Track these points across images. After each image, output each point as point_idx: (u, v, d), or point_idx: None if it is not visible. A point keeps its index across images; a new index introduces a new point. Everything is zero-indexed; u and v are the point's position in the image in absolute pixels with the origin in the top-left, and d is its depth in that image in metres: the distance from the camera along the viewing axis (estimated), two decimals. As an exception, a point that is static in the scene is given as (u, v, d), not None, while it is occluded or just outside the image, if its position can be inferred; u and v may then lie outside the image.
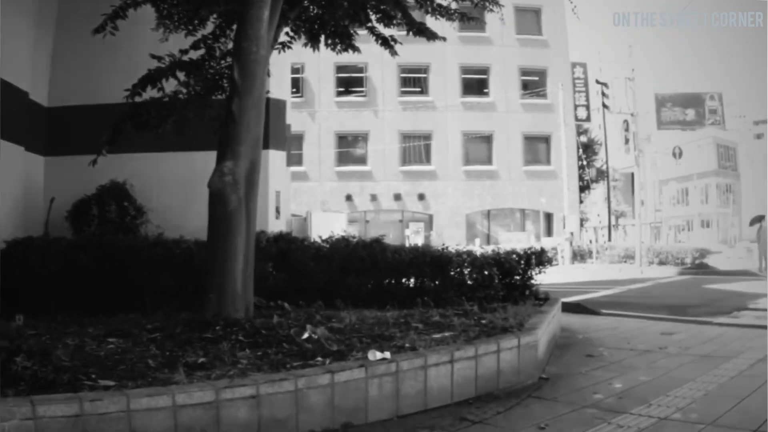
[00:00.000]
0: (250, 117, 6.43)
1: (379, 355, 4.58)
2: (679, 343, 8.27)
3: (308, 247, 8.25)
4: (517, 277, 8.71)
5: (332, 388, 4.17)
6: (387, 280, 8.25)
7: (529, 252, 8.96)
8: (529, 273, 8.76)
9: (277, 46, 7.89)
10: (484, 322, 6.43)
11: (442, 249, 8.83)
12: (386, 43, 8.43)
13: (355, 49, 8.29)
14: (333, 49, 8.32)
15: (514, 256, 8.75)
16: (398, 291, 8.19)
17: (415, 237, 34.50)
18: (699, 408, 5.09)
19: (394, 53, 8.54)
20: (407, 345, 5.15)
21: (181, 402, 3.60)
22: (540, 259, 8.98)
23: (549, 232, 38.88)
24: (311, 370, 4.28)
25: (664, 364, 6.96)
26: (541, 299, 8.59)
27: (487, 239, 37.03)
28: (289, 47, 8.50)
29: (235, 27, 7.20)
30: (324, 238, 8.42)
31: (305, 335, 5.13)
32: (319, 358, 4.64)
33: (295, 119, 36.76)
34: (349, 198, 38.06)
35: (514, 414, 4.98)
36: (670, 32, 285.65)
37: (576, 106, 41.40)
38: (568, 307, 11.82)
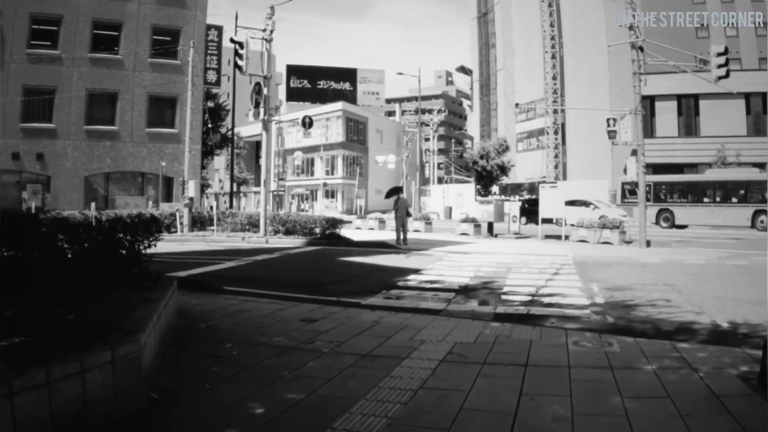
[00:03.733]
0: None
1: None
2: (328, 334, 7.47)
3: None
4: (123, 252, 7.67)
5: None
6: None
7: (137, 220, 8.30)
8: (137, 246, 7.84)
9: None
10: (72, 318, 5.28)
11: (28, 212, 7.42)
12: None
13: None
14: None
15: (120, 225, 7.90)
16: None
17: (32, 200, 36.16)
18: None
19: None
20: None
21: None
22: (150, 228, 8.33)
23: (169, 197, 40.86)
24: None
25: (316, 370, 5.91)
26: (152, 280, 7.81)
27: (106, 203, 38.51)
28: None
29: None
30: None
31: None
32: None
33: None
34: (-34, 157, 37.72)
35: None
36: (308, 6, 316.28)
37: (207, 69, 44.78)
38: (187, 284, 10.97)
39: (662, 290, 12.09)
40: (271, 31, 26.93)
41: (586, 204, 38.34)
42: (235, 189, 59.69)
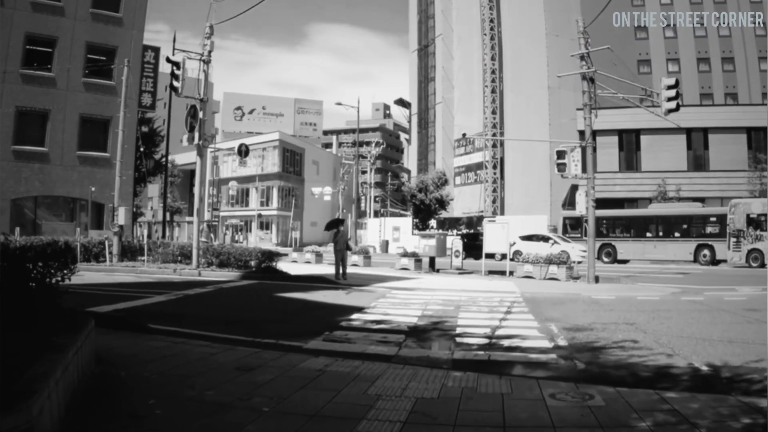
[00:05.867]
0: None
1: None
2: (269, 387, 6.58)
3: None
4: (33, 284, 6.59)
5: None
6: None
7: (50, 250, 7.31)
8: (49, 279, 6.79)
9: None
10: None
11: None
12: None
13: None
14: None
15: (30, 253, 6.89)
16: None
17: (-44, 226, 33.32)
18: None
19: None
20: None
21: None
22: (63, 257, 7.32)
23: (100, 224, 39.20)
24: None
25: (255, 436, 4.99)
26: (65, 319, 6.95)
27: (34, 229, 36.40)
28: None
29: None
30: None
31: None
32: None
33: None
34: None
35: None
36: (247, 35, 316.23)
37: (142, 92, 43.65)
38: (110, 321, 10.17)
39: (625, 330, 11.47)
40: (210, 52, 25.95)
41: (545, 239, 38.24)
42: (168, 218, 58.39)
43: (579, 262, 27.92)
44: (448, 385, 6.85)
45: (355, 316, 13.37)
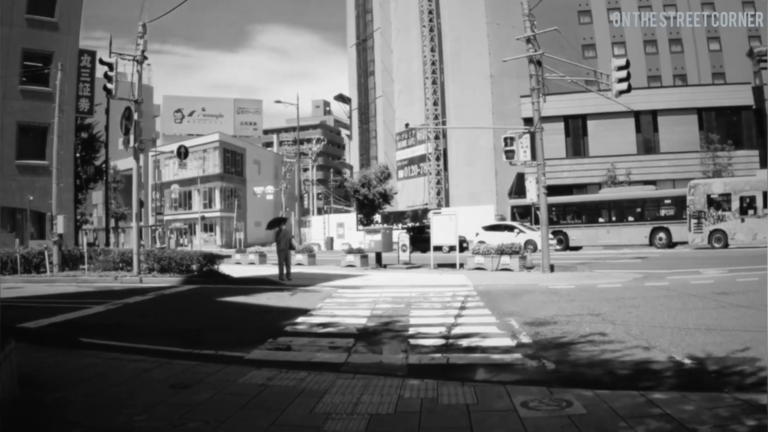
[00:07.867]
0: None
1: None
2: (206, 408, 5.94)
3: None
4: None
5: None
6: None
7: None
8: None
9: None
10: None
11: None
12: None
13: None
14: None
15: None
16: None
17: None
18: None
19: None
20: None
21: None
22: None
23: (42, 234, 38.20)
24: None
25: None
26: None
27: None
28: None
29: None
30: None
31: None
32: None
33: None
34: None
35: None
36: (184, 38, 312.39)
37: (79, 97, 42.93)
38: (40, 337, 10.23)
39: (591, 322, 10.88)
40: (143, 51, 25.18)
41: (510, 228, 37.98)
42: (113, 224, 57.24)
43: None
44: (405, 396, 6.14)
45: (300, 319, 12.62)
